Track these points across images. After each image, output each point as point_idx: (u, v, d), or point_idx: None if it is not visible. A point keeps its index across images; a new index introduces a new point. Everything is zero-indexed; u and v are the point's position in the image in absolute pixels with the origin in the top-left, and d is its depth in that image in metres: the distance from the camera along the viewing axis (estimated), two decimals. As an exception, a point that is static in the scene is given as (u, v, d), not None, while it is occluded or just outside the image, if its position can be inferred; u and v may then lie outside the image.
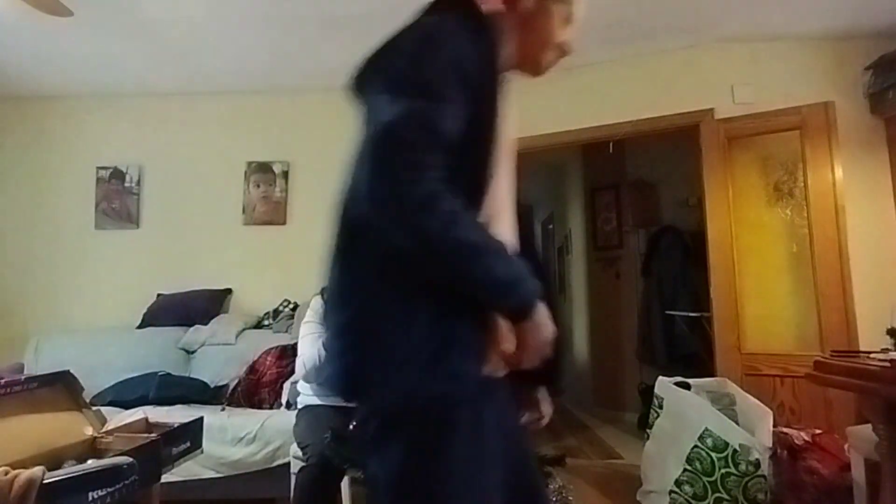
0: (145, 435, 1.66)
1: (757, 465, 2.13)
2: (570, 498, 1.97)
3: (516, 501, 0.96)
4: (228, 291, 3.71)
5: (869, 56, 2.94)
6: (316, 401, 2.10)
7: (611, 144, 3.42)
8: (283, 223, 3.78)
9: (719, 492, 2.17)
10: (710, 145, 3.12)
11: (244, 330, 3.39)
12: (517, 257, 0.90)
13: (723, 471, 2.17)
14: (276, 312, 3.51)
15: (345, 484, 2.02)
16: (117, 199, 3.83)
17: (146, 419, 1.82)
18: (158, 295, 3.65)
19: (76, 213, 3.82)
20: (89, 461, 1.43)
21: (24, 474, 1.16)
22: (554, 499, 1.72)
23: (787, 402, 2.80)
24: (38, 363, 3.28)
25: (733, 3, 2.82)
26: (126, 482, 1.36)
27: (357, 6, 2.80)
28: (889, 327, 2.02)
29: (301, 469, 1.87)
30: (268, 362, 3.03)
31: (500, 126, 0.92)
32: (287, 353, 3.06)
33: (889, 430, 1.63)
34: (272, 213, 3.79)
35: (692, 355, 3.88)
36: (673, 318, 4.11)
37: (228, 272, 3.72)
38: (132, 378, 3.02)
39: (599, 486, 2.85)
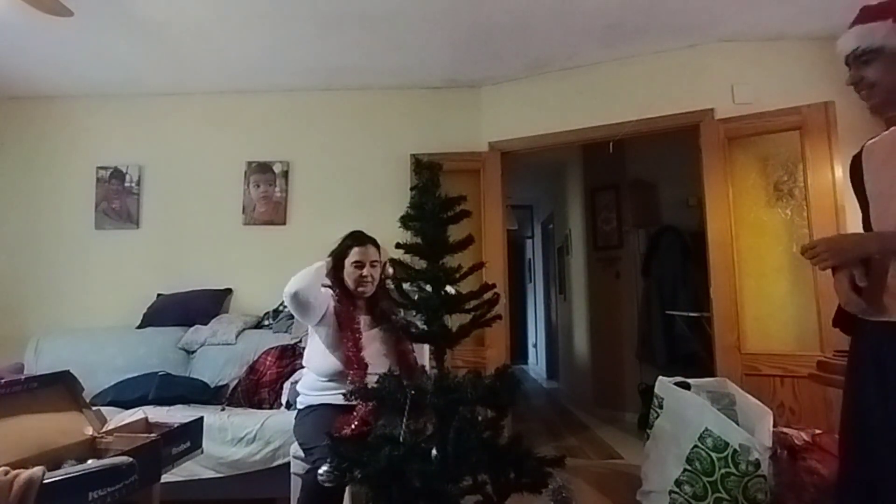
0: (145, 435, 1.66)
1: (757, 465, 2.13)
2: (568, 496, 1.96)
3: None
4: (228, 291, 3.71)
5: (869, 56, 2.93)
6: (319, 400, 2.09)
7: (611, 144, 3.42)
8: (283, 223, 3.78)
9: (719, 492, 2.17)
10: (710, 145, 3.12)
11: (244, 330, 3.38)
12: None
13: (723, 471, 2.17)
14: (276, 312, 3.51)
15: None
16: (117, 199, 3.84)
17: (146, 419, 1.82)
18: (158, 295, 3.65)
19: (76, 213, 3.83)
20: (89, 461, 1.43)
21: (24, 474, 1.16)
22: (553, 499, 1.72)
23: (787, 402, 2.80)
24: (38, 363, 3.28)
25: (733, 3, 2.82)
26: (126, 482, 1.36)
27: (357, 6, 2.80)
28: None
29: (308, 471, 1.86)
30: (268, 362, 3.03)
31: None
32: (287, 353, 3.06)
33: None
34: (272, 213, 3.79)
35: (692, 355, 3.88)
36: (673, 318, 4.11)
37: (228, 272, 3.73)
38: (132, 378, 3.02)
39: (599, 486, 2.85)
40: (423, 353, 2.26)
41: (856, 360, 1.35)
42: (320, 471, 1.59)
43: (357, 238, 2.20)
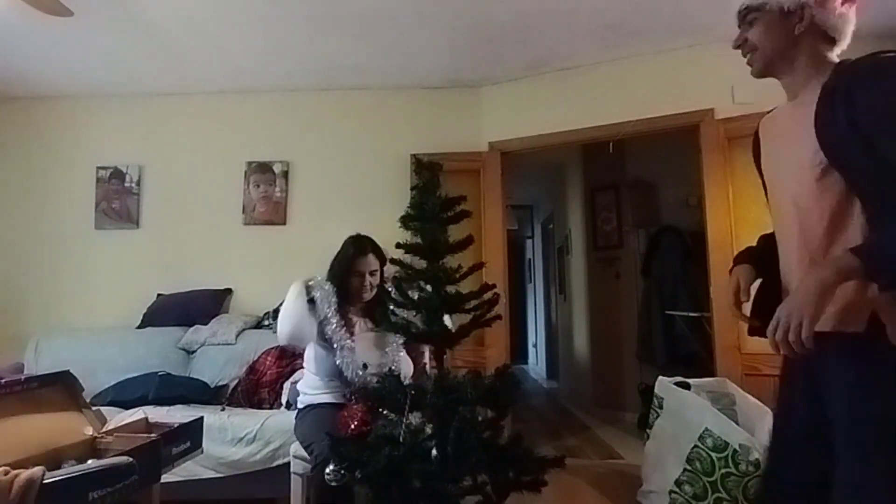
0: (145, 435, 1.66)
1: (757, 465, 2.13)
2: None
3: None
4: (228, 291, 3.71)
5: (869, 56, 2.93)
6: (319, 399, 2.11)
7: (611, 144, 3.42)
8: (283, 223, 3.78)
9: (719, 492, 2.17)
10: (710, 145, 3.12)
11: (244, 330, 3.38)
12: None
13: (723, 471, 2.17)
14: (276, 312, 3.50)
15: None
16: (117, 199, 3.83)
17: (146, 419, 1.82)
18: (158, 295, 3.65)
19: (76, 213, 3.83)
20: (89, 461, 1.43)
21: (24, 474, 1.16)
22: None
23: (787, 402, 2.80)
24: (38, 363, 3.28)
25: (733, 3, 2.81)
26: (126, 482, 1.36)
27: (357, 6, 2.80)
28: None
29: (313, 469, 1.87)
30: (268, 362, 3.03)
31: None
32: (287, 353, 3.06)
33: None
34: (272, 213, 3.79)
35: (692, 355, 3.88)
36: (673, 318, 4.11)
37: (228, 272, 3.72)
38: (132, 378, 3.02)
39: (599, 486, 2.85)
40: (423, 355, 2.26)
41: (787, 368, 1.31)
42: (326, 470, 1.59)
43: (359, 247, 2.18)
